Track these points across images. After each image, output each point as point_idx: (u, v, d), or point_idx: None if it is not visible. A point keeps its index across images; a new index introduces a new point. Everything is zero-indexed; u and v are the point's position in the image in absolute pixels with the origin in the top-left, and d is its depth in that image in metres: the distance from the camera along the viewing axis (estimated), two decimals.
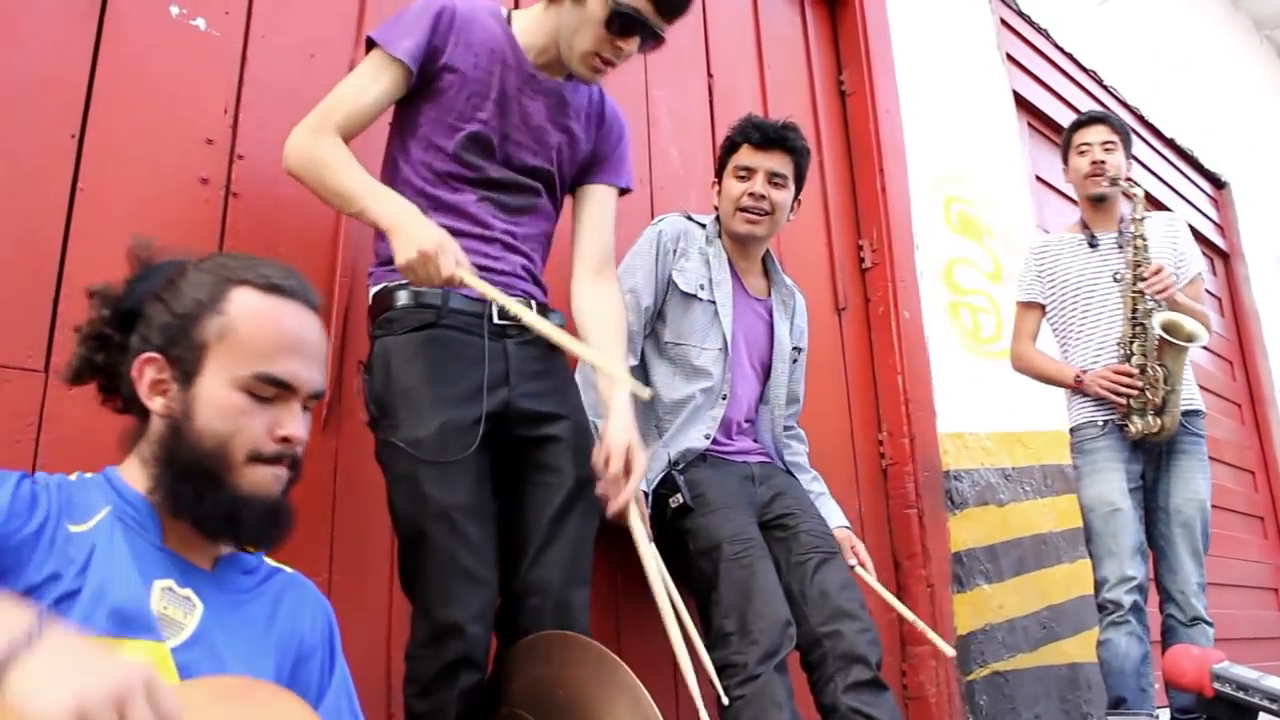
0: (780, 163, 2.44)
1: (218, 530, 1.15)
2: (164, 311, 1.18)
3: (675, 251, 2.45)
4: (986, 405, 3.81)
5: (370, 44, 1.80)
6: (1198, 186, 6.46)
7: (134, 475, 1.18)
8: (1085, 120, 3.33)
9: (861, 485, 3.27)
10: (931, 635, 2.17)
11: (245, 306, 1.17)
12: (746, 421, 2.50)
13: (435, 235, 1.60)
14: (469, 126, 1.80)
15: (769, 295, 2.59)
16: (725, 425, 2.41)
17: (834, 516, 2.53)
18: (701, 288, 2.43)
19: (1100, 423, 3.06)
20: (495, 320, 1.77)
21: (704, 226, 2.53)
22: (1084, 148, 3.22)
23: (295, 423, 1.18)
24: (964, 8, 4.56)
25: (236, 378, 1.15)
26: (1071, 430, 3.19)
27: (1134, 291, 3.02)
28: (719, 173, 2.54)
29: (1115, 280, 3.09)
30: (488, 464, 1.74)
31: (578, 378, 2.12)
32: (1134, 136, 5.63)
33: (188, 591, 1.14)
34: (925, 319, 3.64)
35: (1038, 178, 4.86)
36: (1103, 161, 3.15)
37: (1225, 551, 5.42)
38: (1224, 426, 5.98)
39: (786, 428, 2.60)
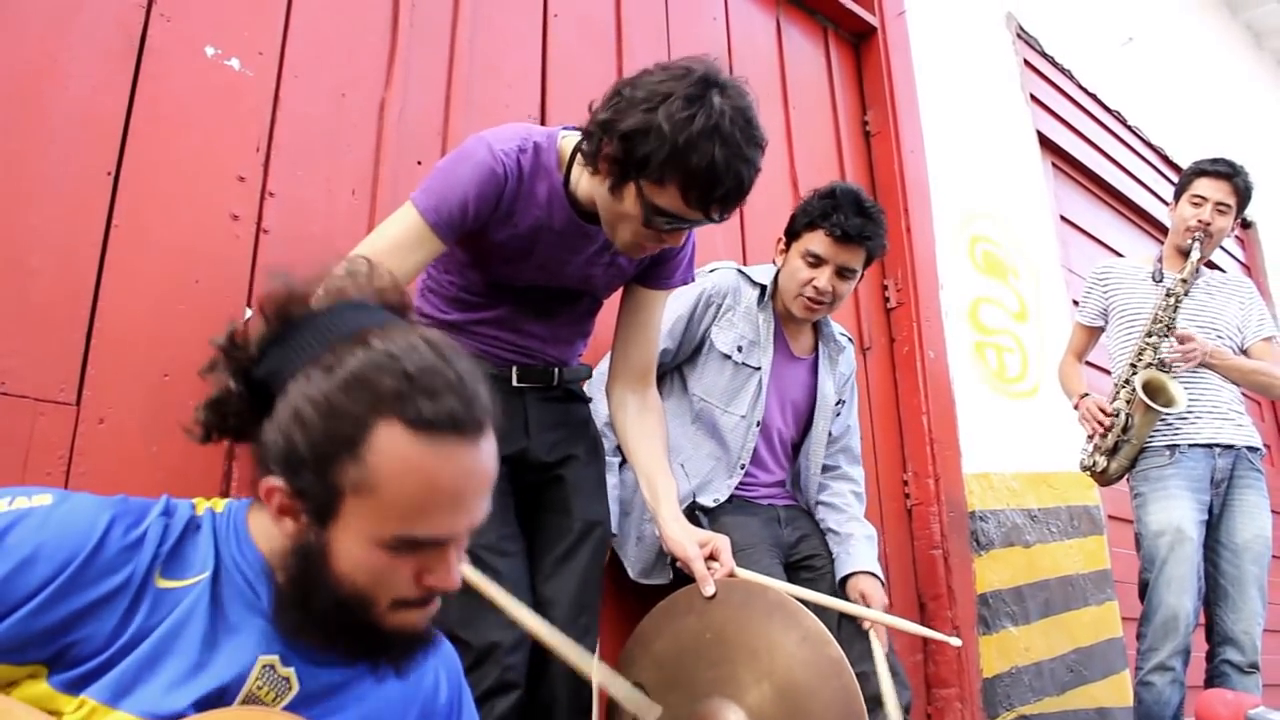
0: (854, 258, 2.30)
1: (354, 660, 1.05)
2: (295, 428, 0.96)
3: (720, 308, 2.36)
4: (1012, 446, 3.77)
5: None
6: None
7: (261, 530, 1.04)
8: (1213, 172, 3.11)
9: (887, 526, 3.23)
10: (936, 634, 2.05)
11: (391, 456, 0.94)
12: (776, 473, 2.45)
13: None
14: (504, 280, 1.79)
15: (814, 351, 2.51)
16: (750, 474, 2.37)
17: (853, 560, 2.33)
18: (740, 349, 2.34)
19: (1168, 450, 2.97)
20: (514, 383, 1.84)
21: (756, 287, 2.41)
22: (1198, 200, 3.09)
23: (445, 572, 1.01)
24: (988, 49, 4.58)
25: (379, 537, 0.96)
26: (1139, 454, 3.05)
27: (1146, 340, 3.01)
28: (790, 237, 2.39)
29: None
30: (513, 505, 1.80)
31: (597, 415, 2.11)
32: (1160, 177, 5.68)
33: (289, 671, 1.03)
34: (950, 359, 3.62)
35: (1062, 217, 4.85)
36: (1209, 223, 3.05)
37: None
38: None
39: (830, 467, 2.51)
